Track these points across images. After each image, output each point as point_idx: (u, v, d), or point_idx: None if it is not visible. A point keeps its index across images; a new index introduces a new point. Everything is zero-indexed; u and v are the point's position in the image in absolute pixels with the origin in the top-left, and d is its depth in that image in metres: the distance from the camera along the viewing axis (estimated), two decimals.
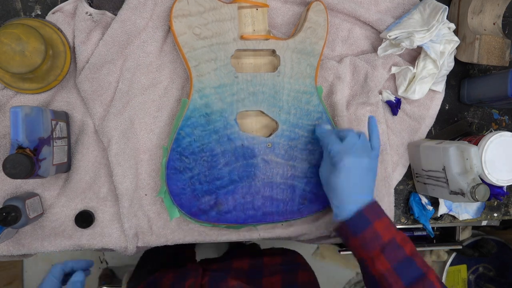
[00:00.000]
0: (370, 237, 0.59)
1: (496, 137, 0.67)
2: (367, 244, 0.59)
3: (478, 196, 0.64)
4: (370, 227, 0.59)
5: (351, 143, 0.61)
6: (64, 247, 0.70)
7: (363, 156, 0.61)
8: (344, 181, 0.60)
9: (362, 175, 0.61)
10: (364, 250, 0.59)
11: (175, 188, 0.66)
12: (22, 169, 0.54)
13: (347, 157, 0.60)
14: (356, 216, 0.59)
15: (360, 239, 0.59)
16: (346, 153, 0.60)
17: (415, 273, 0.57)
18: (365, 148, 0.62)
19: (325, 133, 0.66)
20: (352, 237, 0.60)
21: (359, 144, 0.62)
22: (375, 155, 0.63)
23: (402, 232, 0.61)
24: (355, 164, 0.60)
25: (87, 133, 0.68)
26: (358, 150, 0.61)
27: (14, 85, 0.65)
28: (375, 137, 0.65)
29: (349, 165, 0.60)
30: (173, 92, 0.70)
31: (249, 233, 0.74)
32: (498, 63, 0.73)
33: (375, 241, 0.58)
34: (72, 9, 0.66)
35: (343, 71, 0.73)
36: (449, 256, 1.40)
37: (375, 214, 0.60)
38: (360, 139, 0.62)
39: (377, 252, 0.58)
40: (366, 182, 0.62)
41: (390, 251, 0.58)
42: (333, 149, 0.62)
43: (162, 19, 0.68)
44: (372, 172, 0.63)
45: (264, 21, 0.69)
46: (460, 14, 0.75)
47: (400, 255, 0.58)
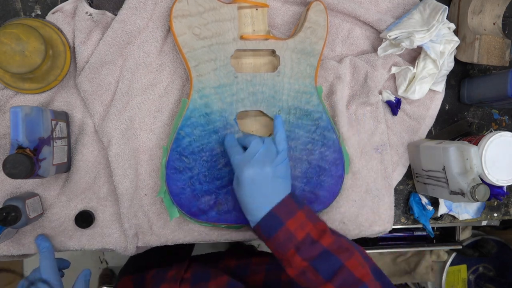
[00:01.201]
0: (283, 238, 0.56)
1: (496, 137, 0.67)
2: (281, 245, 0.56)
3: (478, 196, 0.64)
4: (283, 228, 0.56)
5: (253, 152, 0.58)
6: (64, 247, 0.70)
7: (266, 164, 0.58)
8: (248, 193, 0.58)
9: (266, 184, 0.57)
10: (279, 252, 0.57)
11: (175, 188, 0.66)
12: (22, 169, 0.55)
13: (247, 169, 0.57)
14: (267, 217, 0.57)
15: (273, 241, 0.57)
16: (246, 164, 0.58)
17: (334, 265, 0.55)
18: (268, 155, 0.59)
19: (230, 143, 0.63)
20: (266, 240, 0.58)
21: (261, 151, 0.58)
22: (281, 158, 0.60)
23: (321, 222, 0.58)
24: (257, 175, 0.57)
25: (87, 133, 0.68)
26: (260, 159, 0.58)
27: (14, 85, 0.65)
28: (280, 139, 0.61)
29: (250, 177, 0.57)
30: (173, 92, 0.70)
31: (249, 233, 0.74)
32: (498, 63, 0.73)
33: (288, 242, 0.56)
34: (72, 9, 0.67)
35: (343, 71, 0.73)
36: (449, 256, 1.40)
37: (287, 212, 0.57)
38: (264, 145, 0.59)
39: (292, 252, 0.56)
40: (272, 189, 0.58)
41: (305, 249, 0.55)
42: (234, 160, 0.60)
43: (162, 19, 0.68)
44: (280, 178, 0.59)
45: (264, 21, 0.69)
46: (460, 14, 0.75)
47: (316, 251, 0.55)
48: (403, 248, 1.30)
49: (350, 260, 0.55)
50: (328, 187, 0.71)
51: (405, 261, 1.50)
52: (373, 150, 0.76)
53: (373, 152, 0.76)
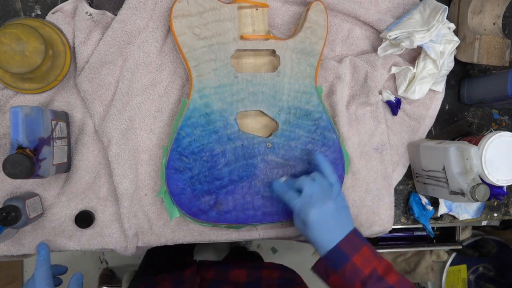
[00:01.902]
0: (350, 272, 0.58)
1: (496, 137, 0.67)
2: (347, 280, 0.58)
3: (478, 196, 0.64)
4: (349, 263, 0.58)
5: (310, 194, 0.60)
6: (64, 247, 0.70)
7: (326, 201, 0.60)
8: (318, 232, 0.60)
9: (333, 218, 0.60)
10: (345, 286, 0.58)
11: (175, 188, 0.66)
12: (22, 169, 0.54)
13: (311, 211, 0.59)
14: (333, 252, 0.59)
15: (340, 276, 0.58)
16: (309, 206, 0.60)
17: None
18: (325, 191, 0.61)
19: (282, 189, 0.65)
20: (332, 274, 0.59)
21: (317, 190, 0.61)
22: (337, 190, 0.63)
23: (384, 260, 0.60)
24: (322, 213, 0.60)
25: (87, 133, 0.68)
26: (319, 197, 0.60)
27: (14, 85, 0.65)
28: (329, 173, 0.63)
29: (316, 217, 0.59)
30: (173, 92, 0.70)
31: (249, 233, 0.74)
32: (498, 63, 0.73)
33: (355, 276, 0.57)
34: (72, 9, 0.67)
35: (343, 71, 0.73)
36: (449, 256, 1.40)
37: (352, 247, 0.59)
38: (316, 184, 0.61)
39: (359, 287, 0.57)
40: (339, 220, 0.61)
41: (372, 285, 0.57)
42: (296, 205, 0.61)
43: (162, 19, 0.68)
44: (342, 208, 0.62)
45: (264, 21, 0.69)
46: (460, 14, 0.75)
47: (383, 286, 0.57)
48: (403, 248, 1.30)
49: None
50: None
51: (405, 261, 1.50)
52: (373, 150, 0.76)
53: (373, 152, 0.76)
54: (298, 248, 1.83)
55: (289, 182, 0.66)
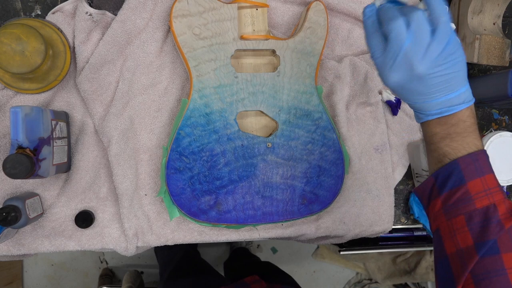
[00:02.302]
0: (457, 200, 0.47)
1: (496, 137, 0.67)
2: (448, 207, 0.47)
3: None
4: (463, 186, 0.47)
5: (395, 50, 0.45)
6: (64, 247, 0.70)
7: (414, 63, 0.45)
8: (404, 97, 0.48)
9: (423, 86, 0.46)
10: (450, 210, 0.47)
11: (175, 188, 0.66)
12: (22, 169, 0.54)
13: (391, 75, 0.46)
14: (447, 166, 0.47)
15: (442, 200, 0.48)
16: (389, 67, 0.46)
17: None
18: (418, 44, 0.45)
19: (370, 27, 0.48)
20: (434, 198, 0.49)
21: (406, 46, 0.44)
22: (440, 40, 0.45)
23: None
24: (408, 80, 0.46)
25: (87, 133, 0.68)
26: (407, 56, 0.44)
27: (14, 85, 0.65)
28: (438, 9, 0.46)
29: (400, 85, 0.47)
30: (173, 92, 0.70)
31: (249, 233, 0.74)
32: (498, 63, 0.73)
33: (460, 206, 0.47)
34: (72, 9, 0.67)
35: (343, 71, 0.73)
36: None
37: (474, 170, 0.47)
38: (409, 35, 0.44)
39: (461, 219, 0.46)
40: (442, 83, 0.47)
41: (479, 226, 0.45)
42: (377, 60, 0.47)
43: (162, 19, 0.68)
44: (444, 66, 0.46)
45: (264, 21, 0.69)
46: (460, 14, 0.75)
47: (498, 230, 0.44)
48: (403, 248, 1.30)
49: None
50: (328, 187, 0.71)
51: (405, 261, 1.50)
52: (373, 150, 0.76)
53: (373, 152, 0.76)
54: (298, 248, 1.83)
55: (386, 11, 0.47)
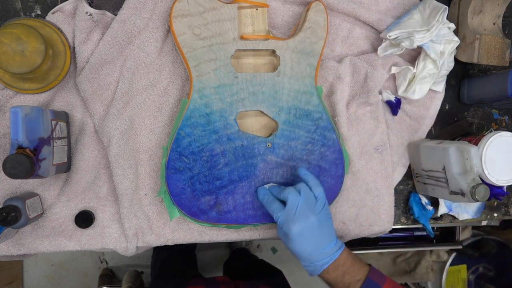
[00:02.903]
0: None
1: (496, 137, 0.67)
2: None
3: (478, 196, 0.64)
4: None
5: (293, 206, 0.61)
6: (64, 247, 0.70)
7: (309, 215, 0.61)
8: (301, 246, 0.61)
9: (315, 233, 0.61)
10: None
11: (175, 188, 0.66)
12: (22, 169, 0.54)
13: (294, 225, 0.60)
14: (365, 285, 0.60)
15: None
16: (292, 220, 0.60)
17: None
18: (309, 205, 0.62)
19: (266, 199, 0.65)
20: None
21: (301, 204, 0.61)
22: (321, 204, 0.63)
23: None
24: (305, 228, 0.60)
25: (87, 133, 0.68)
26: (302, 211, 0.61)
27: (14, 85, 0.65)
28: (314, 185, 0.63)
29: (299, 231, 0.60)
30: (173, 92, 0.70)
31: (249, 233, 0.74)
32: (498, 63, 0.73)
33: None
34: (72, 9, 0.67)
35: (343, 71, 0.73)
36: (449, 256, 1.40)
37: (380, 277, 0.62)
38: (301, 197, 0.61)
39: None
40: (322, 236, 0.62)
41: None
42: (279, 219, 0.62)
43: (162, 19, 0.68)
44: (325, 222, 0.62)
45: (264, 21, 0.69)
46: (460, 14, 0.75)
47: None
48: (403, 248, 1.30)
49: None
50: (328, 187, 0.71)
51: (405, 261, 1.50)
52: (373, 150, 0.76)
53: (373, 152, 0.76)
54: None
55: (274, 189, 0.66)
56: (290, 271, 1.07)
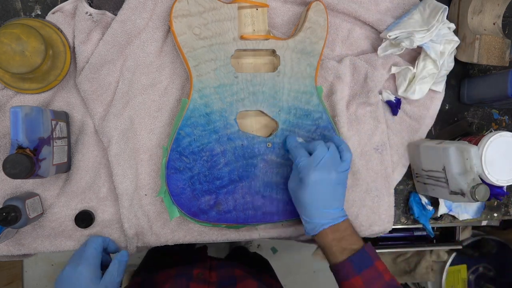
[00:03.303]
0: (373, 276, 0.59)
1: (496, 137, 0.67)
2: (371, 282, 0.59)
3: (478, 196, 0.64)
4: (372, 267, 0.59)
5: (319, 157, 0.60)
6: (64, 247, 0.70)
7: (331, 170, 0.60)
8: (312, 196, 0.60)
9: (329, 189, 0.61)
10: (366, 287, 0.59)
11: (175, 188, 0.66)
12: (22, 169, 0.54)
13: (314, 173, 0.60)
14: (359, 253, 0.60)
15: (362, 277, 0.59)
16: (313, 168, 0.60)
17: None
18: (334, 162, 0.61)
19: (294, 145, 0.65)
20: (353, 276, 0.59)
21: (327, 157, 0.61)
22: (344, 168, 0.62)
23: None
24: (322, 179, 0.60)
25: (87, 133, 0.68)
26: (326, 164, 0.60)
27: (14, 85, 0.65)
28: (345, 150, 0.63)
29: (316, 180, 0.60)
30: (173, 92, 0.70)
31: (249, 233, 0.74)
32: (498, 63, 0.73)
33: (378, 280, 0.59)
34: (72, 9, 0.67)
35: (343, 71, 0.73)
36: (449, 256, 1.40)
37: (374, 253, 0.61)
38: (329, 152, 0.61)
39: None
40: (334, 196, 0.62)
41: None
42: (301, 163, 0.61)
43: (162, 19, 0.68)
44: (341, 186, 0.62)
45: (264, 21, 0.69)
46: (460, 14, 0.75)
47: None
48: (403, 248, 1.30)
49: None
50: None
51: (405, 261, 1.50)
52: (373, 150, 0.76)
53: (373, 152, 0.76)
54: (298, 248, 1.83)
55: (304, 143, 0.65)
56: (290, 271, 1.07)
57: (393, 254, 1.51)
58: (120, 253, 0.64)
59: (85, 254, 0.61)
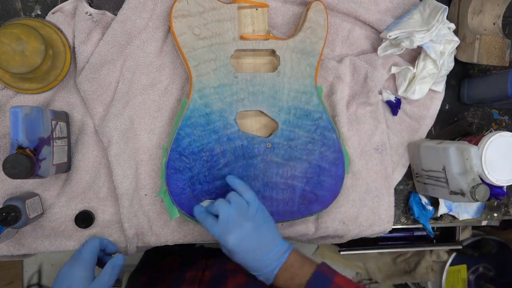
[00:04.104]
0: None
1: (496, 137, 0.67)
2: None
3: (478, 196, 0.64)
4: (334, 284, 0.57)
5: (226, 218, 0.59)
6: (64, 247, 0.70)
7: (243, 222, 0.58)
8: (244, 256, 0.59)
9: (254, 239, 0.59)
10: None
11: (175, 188, 0.66)
12: (22, 169, 0.54)
13: (229, 236, 0.58)
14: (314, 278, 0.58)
15: None
16: (226, 232, 0.58)
17: None
18: (241, 213, 0.59)
19: (200, 215, 0.62)
20: None
21: (232, 214, 0.59)
22: (254, 208, 0.60)
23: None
24: (241, 237, 0.58)
25: (87, 133, 0.68)
26: (236, 220, 0.58)
27: (14, 85, 0.65)
28: (243, 191, 0.61)
29: (236, 243, 0.58)
30: (173, 92, 0.70)
31: None
32: (498, 63, 0.73)
33: None
34: (72, 9, 0.67)
35: (343, 71, 0.73)
36: (449, 256, 1.40)
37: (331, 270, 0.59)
38: (232, 206, 0.59)
39: None
40: (263, 240, 0.59)
41: None
42: (214, 233, 0.60)
43: (162, 19, 0.68)
44: (264, 226, 0.60)
45: (264, 21, 0.69)
46: (460, 14, 0.75)
47: None
48: (403, 248, 1.30)
49: None
50: (328, 187, 0.71)
51: (405, 261, 1.50)
52: (373, 150, 0.76)
53: (373, 152, 0.76)
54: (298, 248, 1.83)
55: (208, 207, 0.63)
56: None
57: (393, 254, 1.51)
58: (116, 257, 0.64)
59: (80, 256, 0.62)
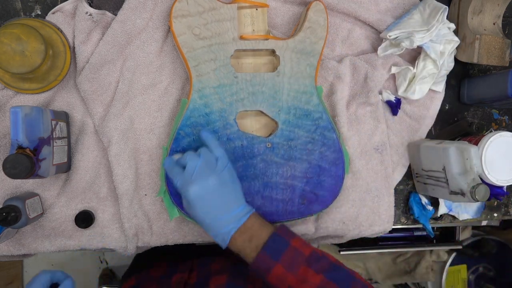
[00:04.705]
0: (292, 258, 0.55)
1: (496, 137, 0.67)
2: (291, 265, 0.55)
3: (478, 196, 0.64)
4: (289, 247, 0.56)
5: (192, 168, 0.56)
6: (64, 247, 0.70)
7: (208, 176, 0.56)
8: (202, 210, 0.56)
9: (216, 195, 0.57)
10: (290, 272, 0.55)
11: (175, 188, 0.66)
12: (22, 169, 0.55)
13: (191, 187, 0.56)
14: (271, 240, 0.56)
15: (282, 263, 0.55)
16: (189, 182, 0.56)
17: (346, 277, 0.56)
18: (209, 165, 0.57)
19: (168, 166, 0.60)
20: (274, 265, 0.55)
21: (199, 165, 0.57)
22: (223, 164, 0.58)
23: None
24: (203, 190, 0.56)
25: (87, 133, 0.68)
26: (202, 172, 0.56)
27: (14, 85, 0.65)
28: (213, 147, 0.59)
29: (197, 194, 0.56)
30: (173, 92, 0.70)
31: None
32: (498, 63, 0.73)
33: (298, 259, 0.55)
34: (72, 9, 0.67)
35: (343, 71, 0.73)
36: (449, 256, 1.40)
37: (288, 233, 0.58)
38: (201, 158, 0.57)
39: (304, 268, 0.55)
40: (225, 199, 0.57)
41: (316, 263, 0.55)
42: (178, 183, 0.57)
43: (162, 19, 0.68)
44: (229, 184, 0.58)
45: (264, 21, 0.69)
46: (460, 14, 0.75)
47: (326, 263, 0.56)
48: (403, 248, 1.30)
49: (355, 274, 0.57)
50: (328, 187, 0.71)
51: (405, 261, 1.50)
52: (373, 150, 0.76)
53: (373, 152, 0.76)
54: None
55: (179, 158, 0.60)
56: None
57: (393, 254, 1.51)
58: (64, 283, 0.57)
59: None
